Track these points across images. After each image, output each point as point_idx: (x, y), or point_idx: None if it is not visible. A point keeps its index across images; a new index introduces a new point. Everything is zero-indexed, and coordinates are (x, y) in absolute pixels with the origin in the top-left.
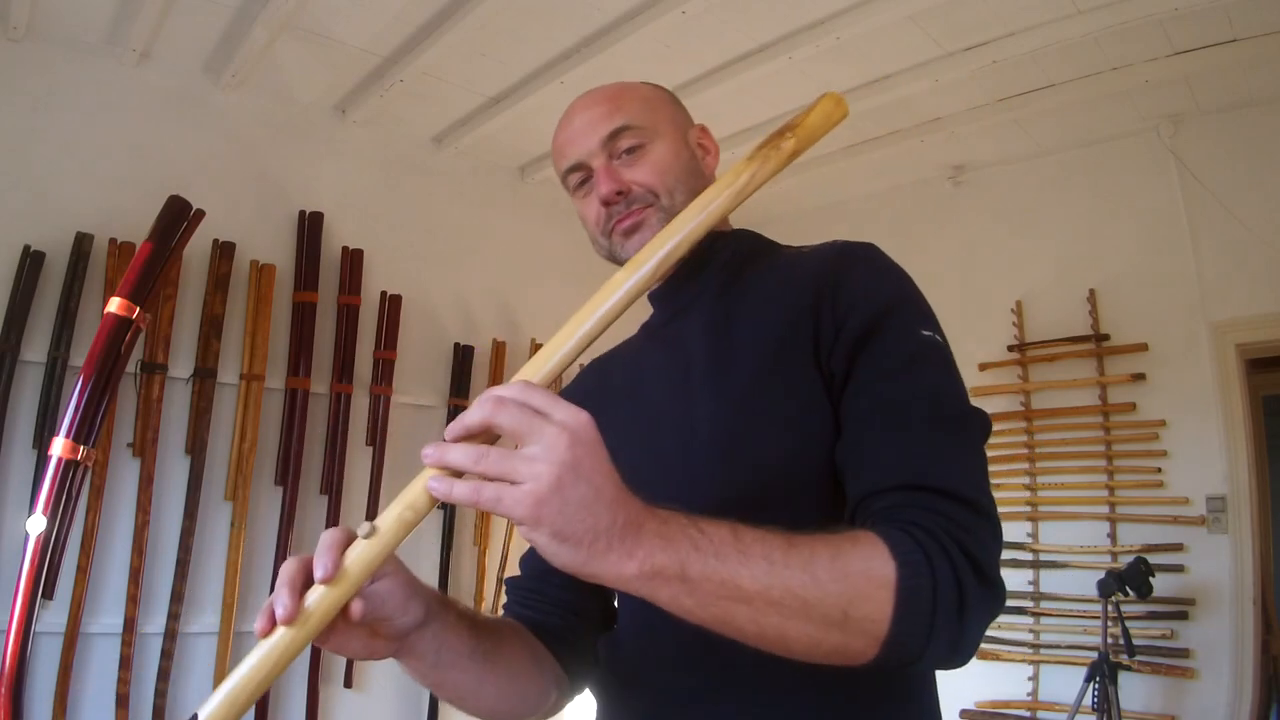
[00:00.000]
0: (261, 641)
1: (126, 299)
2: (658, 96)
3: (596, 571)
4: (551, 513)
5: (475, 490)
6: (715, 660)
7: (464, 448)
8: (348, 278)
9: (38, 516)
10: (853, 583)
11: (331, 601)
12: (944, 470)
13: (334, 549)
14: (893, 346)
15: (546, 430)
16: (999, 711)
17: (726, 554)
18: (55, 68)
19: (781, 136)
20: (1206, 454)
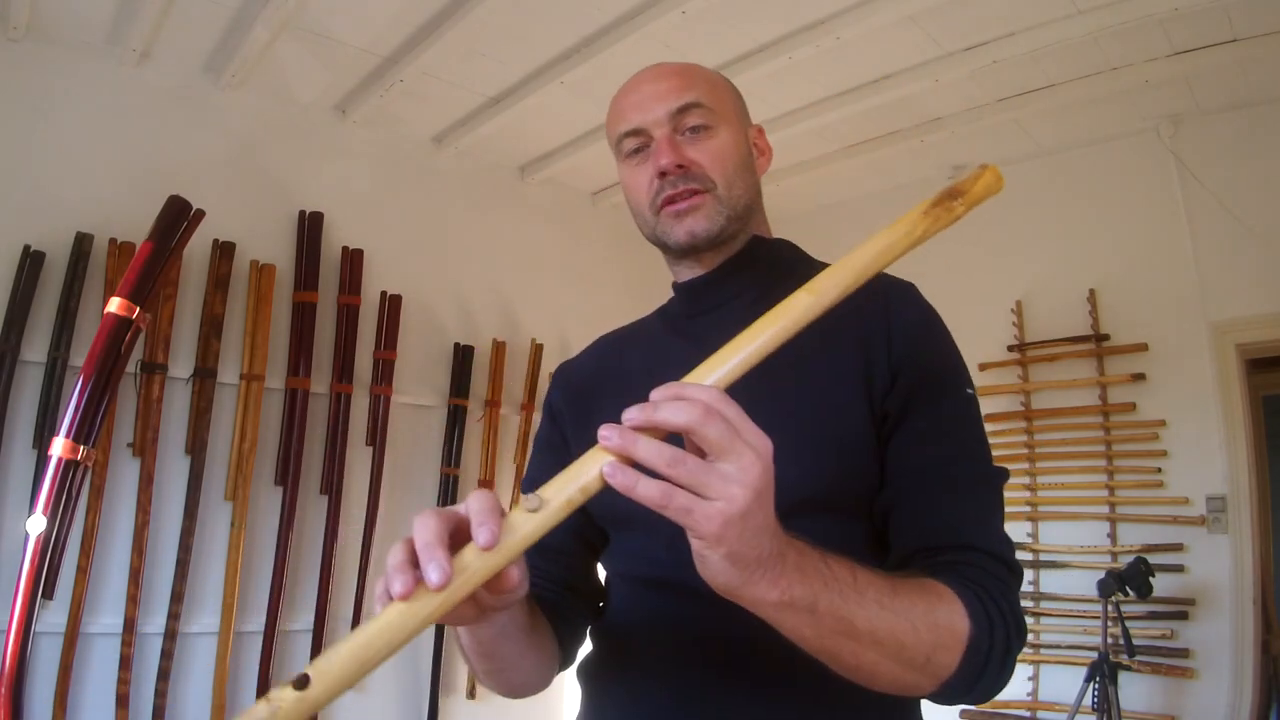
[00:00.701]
0: (395, 604)
1: (126, 299)
2: (727, 85)
3: (745, 594)
4: (734, 535)
5: (666, 495)
6: (716, 657)
7: (658, 445)
8: (348, 278)
9: (38, 516)
10: (939, 634)
11: (488, 569)
12: (990, 534)
13: (496, 513)
14: (946, 404)
15: (745, 453)
16: (999, 711)
17: (847, 593)
18: (55, 68)
19: (953, 199)
20: (1206, 454)
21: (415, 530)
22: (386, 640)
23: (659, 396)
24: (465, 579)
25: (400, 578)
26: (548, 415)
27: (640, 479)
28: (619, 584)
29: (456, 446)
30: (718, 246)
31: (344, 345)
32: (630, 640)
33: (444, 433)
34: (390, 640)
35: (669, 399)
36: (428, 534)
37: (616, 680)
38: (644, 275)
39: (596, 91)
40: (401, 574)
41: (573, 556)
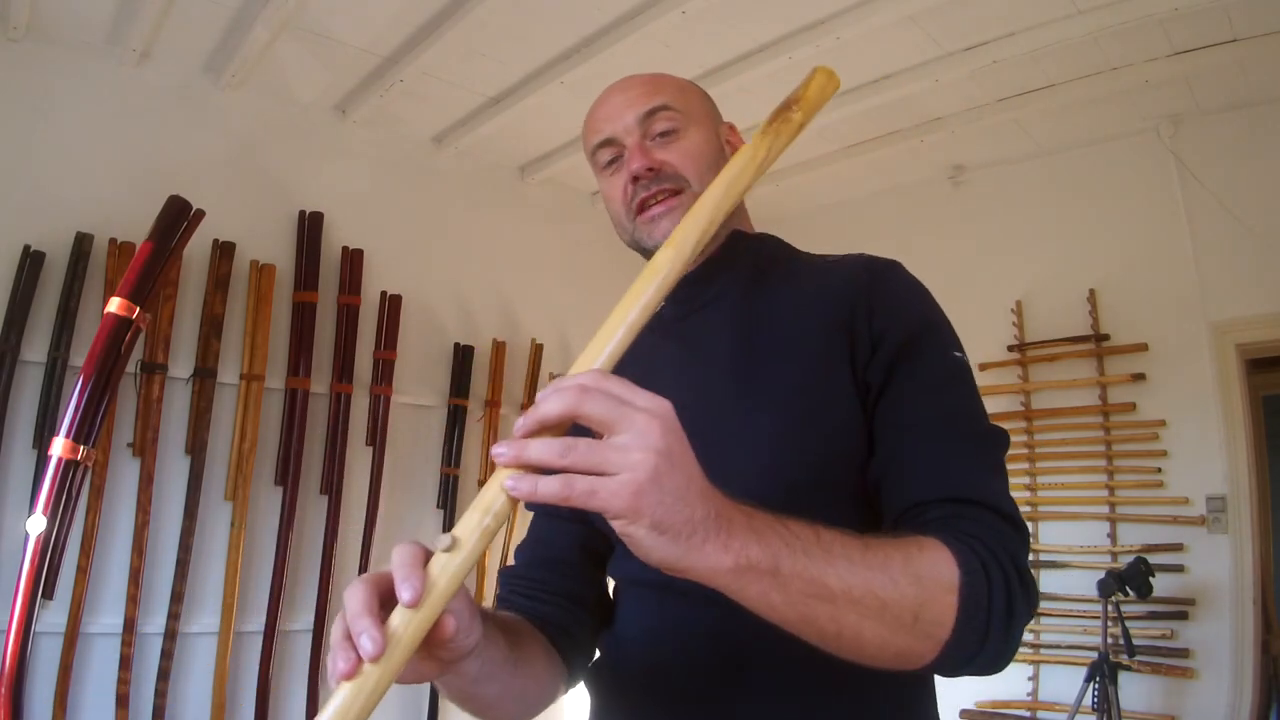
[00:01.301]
0: (343, 685)
1: (126, 299)
2: (693, 88)
3: (692, 565)
4: (651, 503)
5: (566, 485)
6: (722, 660)
7: (545, 441)
8: (348, 278)
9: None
10: (924, 586)
11: (419, 626)
12: (986, 486)
13: (417, 566)
14: (930, 365)
15: (636, 418)
16: (999, 711)
17: (813, 552)
18: (55, 68)
19: (789, 109)
20: (1206, 454)
21: (345, 601)
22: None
23: (539, 397)
24: (400, 642)
25: (341, 655)
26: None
27: (539, 480)
28: (624, 589)
29: (456, 446)
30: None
31: (344, 345)
32: (636, 645)
33: (444, 433)
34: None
35: (547, 394)
36: (355, 604)
37: (624, 685)
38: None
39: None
40: (342, 651)
41: (577, 567)
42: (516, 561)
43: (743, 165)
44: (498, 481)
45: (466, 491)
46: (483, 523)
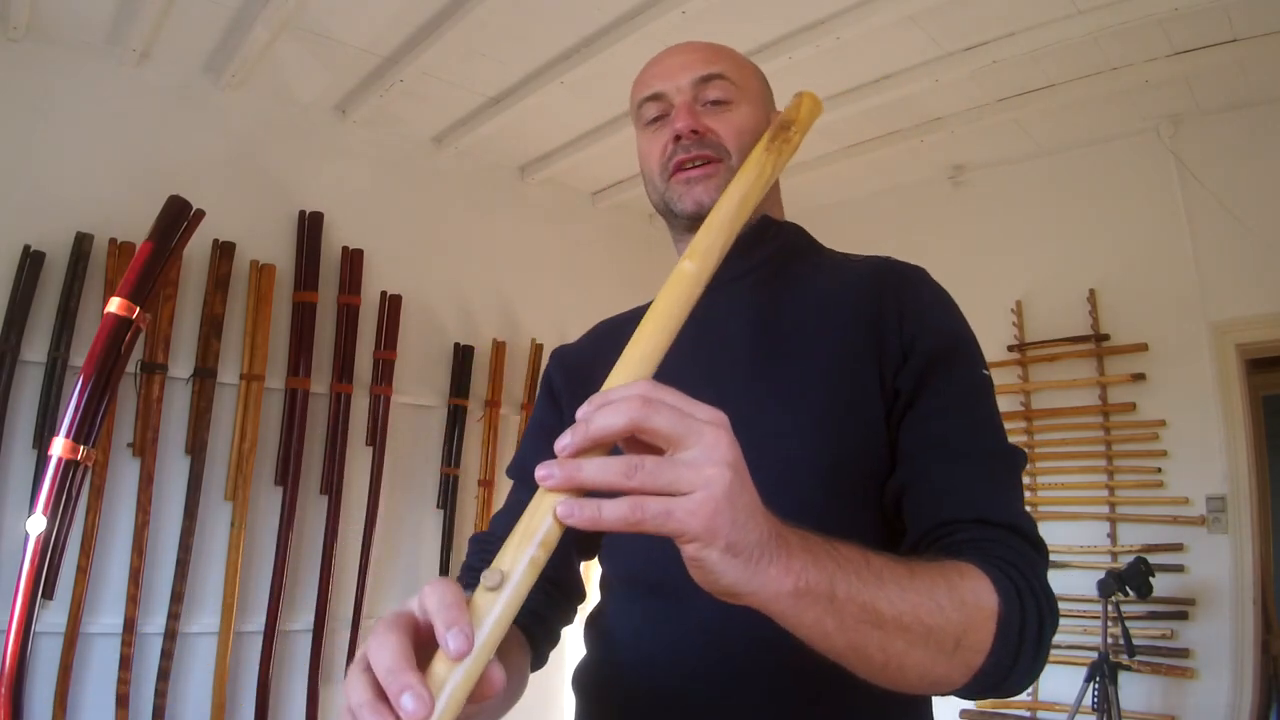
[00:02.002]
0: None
1: (126, 299)
2: (752, 66)
3: (758, 590)
4: (726, 523)
5: (636, 507)
6: (715, 666)
7: (605, 461)
8: (348, 278)
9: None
10: (967, 612)
11: (467, 679)
12: (1011, 509)
13: (462, 608)
14: (959, 381)
15: (704, 431)
16: (999, 711)
17: (865, 576)
18: (55, 68)
19: (786, 130)
20: (1206, 454)
21: (373, 653)
22: None
23: (585, 412)
24: (448, 700)
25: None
26: (546, 395)
27: (602, 505)
28: (616, 586)
29: (456, 446)
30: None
31: (344, 345)
32: (628, 650)
33: (444, 433)
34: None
35: (597, 408)
36: (389, 656)
37: (615, 693)
38: (644, 275)
39: (596, 91)
40: (374, 714)
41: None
42: (493, 529)
43: (751, 180)
44: (546, 506)
45: (466, 491)
46: (530, 555)
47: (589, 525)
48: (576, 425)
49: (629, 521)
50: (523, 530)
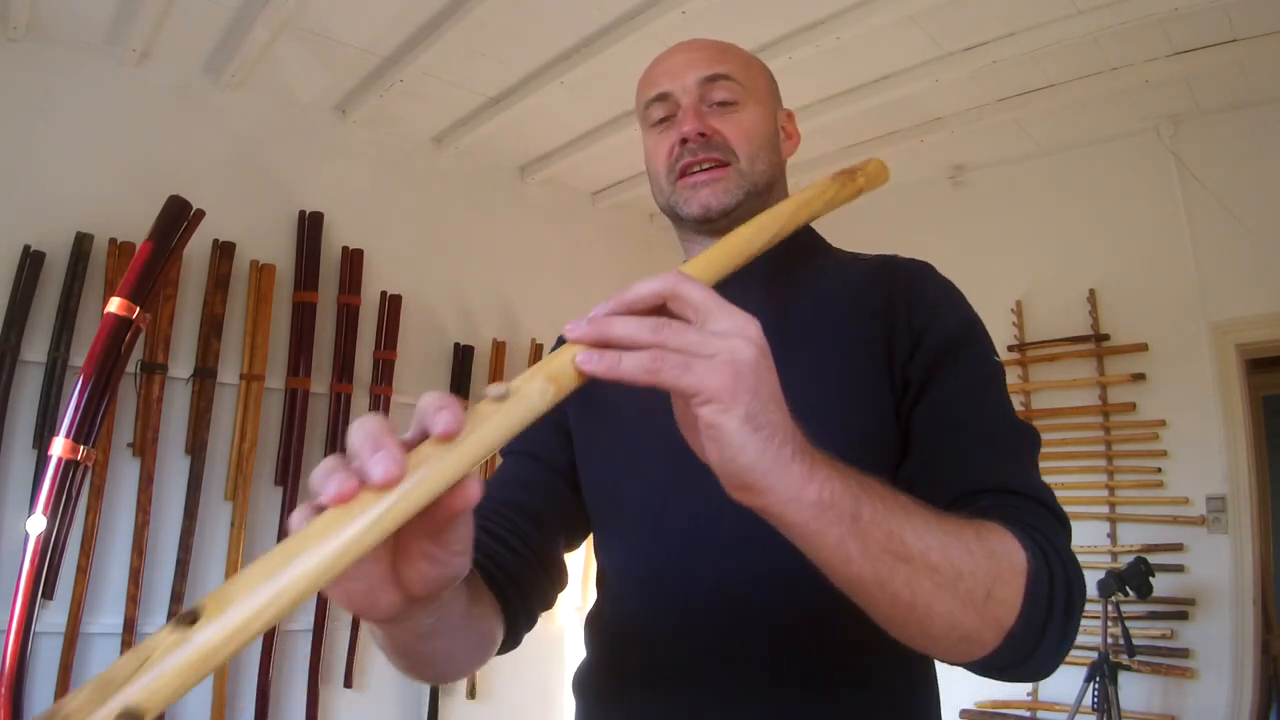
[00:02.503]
0: (325, 514)
1: (126, 299)
2: (759, 65)
3: (777, 484)
4: (746, 390)
5: (656, 358)
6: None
7: (636, 319)
8: (348, 278)
9: (38, 516)
10: (997, 562)
11: (451, 468)
12: (1033, 482)
13: (455, 403)
14: (972, 366)
15: (736, 312)
16: (999, 711)
17: (890, 505)
18: (55, 68)
19: (855, 173)
20: (1206, 454)
21: (353, 429)
22: (312, 563)
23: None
24: (424, 478)
25: (335, 478)
26: None
27: (623, 355)
28: (616, 584)
29: None
30: (730, 224)
31: (344, 345)
32: (631, 650)
33: None
34: (316, 563)
35: (638, 283)
36: (371, 424)
37: (617, 696)
38: (644, 274)
39: (596, 91)
40: (336, 473)
41: (549, 522)
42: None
43: (815, 195)
44: (568, 354)
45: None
46: (544, 388)
47: (606, 373)
48: (610, 297)
49: (647, 370)
50: (540, 367)
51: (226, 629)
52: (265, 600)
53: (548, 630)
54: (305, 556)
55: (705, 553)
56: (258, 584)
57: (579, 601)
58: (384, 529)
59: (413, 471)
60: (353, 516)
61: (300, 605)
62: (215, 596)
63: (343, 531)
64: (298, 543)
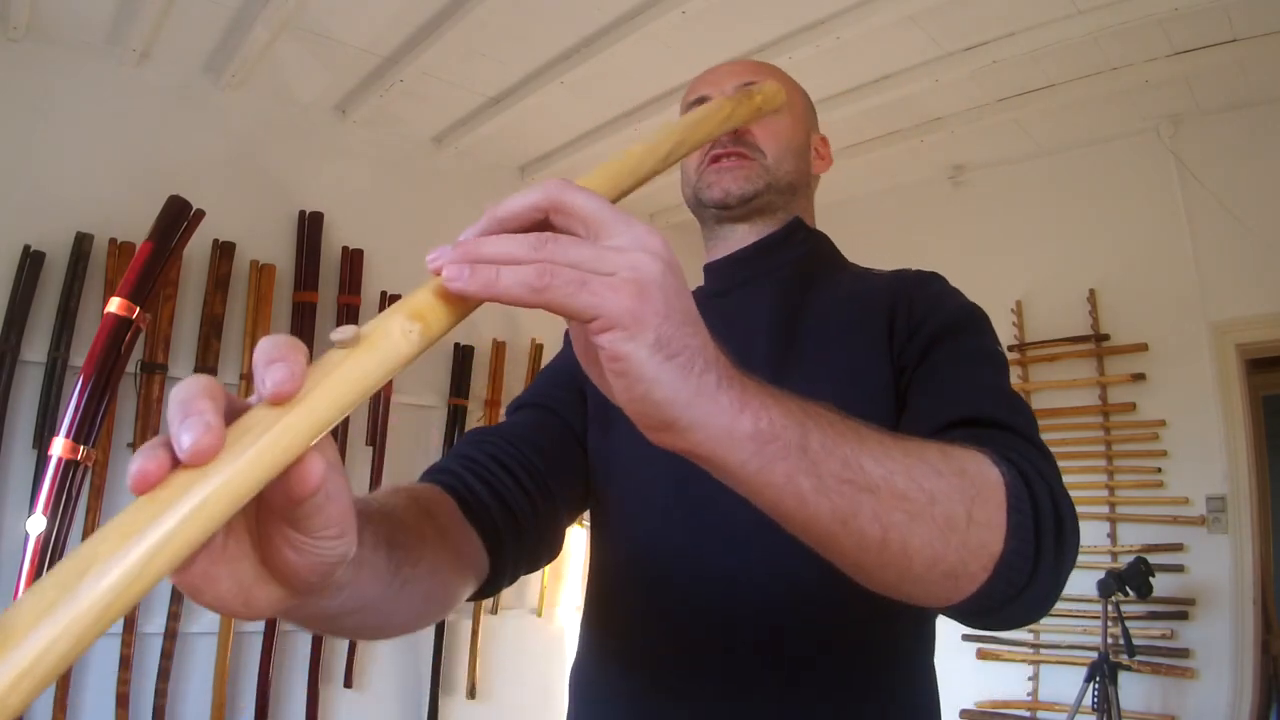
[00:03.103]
0: (132, 504)
1: (126, 299)
2: (800, 91)
3: (701, 416)
4: (656, 312)
5: (544, 273)
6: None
7: (508, 236)
8: (348, 278)
9: (38, 516)
10: (970, 479)
11: (287, 438)
12: (1019, 421)
13: (297, 349)
14: (968, 346)
15: (634, 222)
16: (999, 711)
17: (841, 430)
18: (55, 68)
19: (752, 93)
20: (1206, 454)
21: (171, 393)
22: (111, 578)
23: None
24: (250, 451)
25: (142, 457)
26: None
27: (500, 270)
28: (618, 576)
29: (453, 445)
30: (751, 215)
31: None
32: (632, 644)
33: (444, 433)
34: (117, 578)
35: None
36: (190, 386)
37: (618, 691)
38: None
39: (596, 91)
40: (144, 453)
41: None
42: (491, 428)
43: (711, 112)
44: (433, 283)
45: None
46: (405, 326)
47: (481, 291)
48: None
49: (532, 288)
50: (399, 304)
51: (10, 675)
52: (55, 633)
53: (548, 630)
54: (106, 566)
55: (713, 546)
56: (48, 607)
57: (579, 601)
58: (202, 525)
59: (235, 444)
60: (162, 508)
61: (107, 629)
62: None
63: (149, 530)
64: (95, 545)
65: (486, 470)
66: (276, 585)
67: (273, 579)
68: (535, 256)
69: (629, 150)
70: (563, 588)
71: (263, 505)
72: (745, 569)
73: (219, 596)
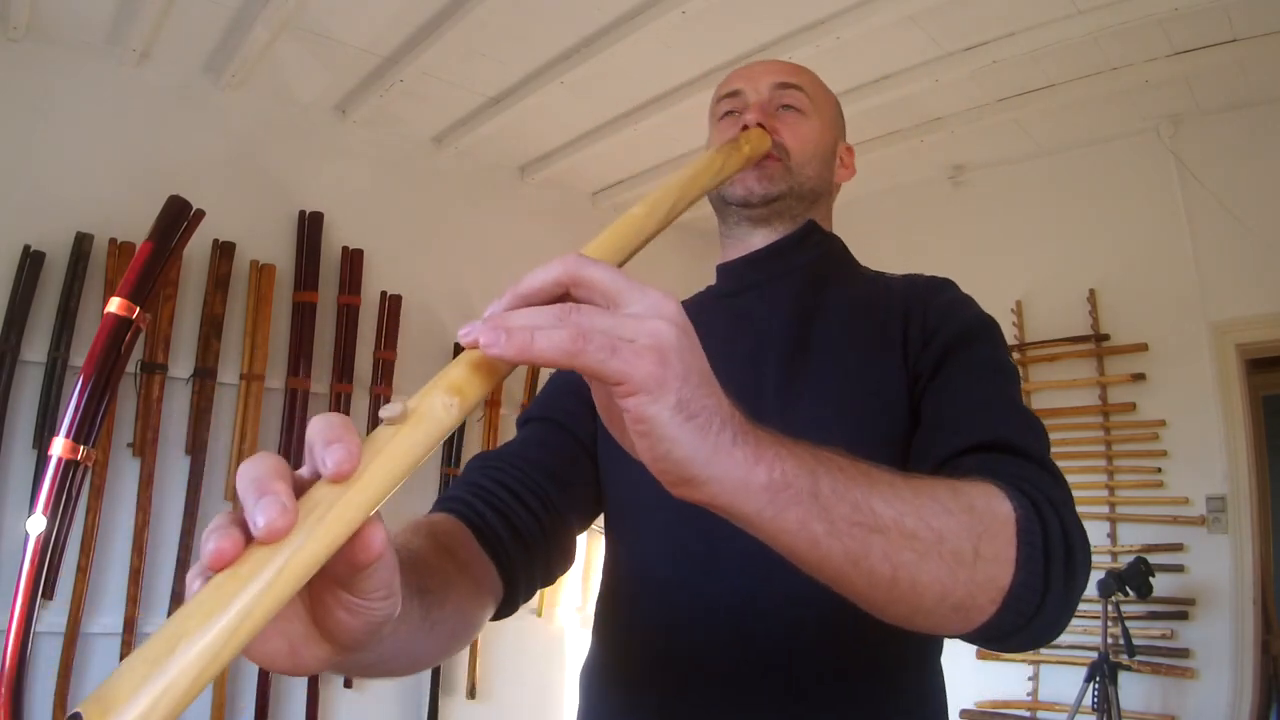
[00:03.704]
0: (212, 581)
1: (126, 299)
2: (832, 95)
3: (719, 472)
4: (675, 376)
5: (578, 337)
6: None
7: (536, 310)
8: (348, 278)
9: (38, 516)
10: (979, 516)
11: (349, 510)
12: (1031, 443)
13: (350, 429)
14: (983, 355)
15: (648, 291)
16: (999, 711)
17: (851, 474)
18: (55, 68)
19: (739, 143)
20: (1206, 454)
21: (240, 472)
22: (203, 645)
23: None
24: (318, 527)
25: (217, 536)
26: None
27: (535, 332)
28: (631, 581)
29: (456, 446)
30: (771, 218)
31: (344, 345)
32: (643, 649)
33: None
34: (208, 645)
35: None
36: (258, 468)
37: (627, 693)
38: (644, 274)
39: (596, 91)
40: (219, 532)
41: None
42: (498, 452)
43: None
44: (467, 358)
45: None
46: (446, 401)
47: (518, 354)
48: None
49: (568, 353)
50: (436, 380)
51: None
52: (153, 698)
53: (548, 630)
54: (194, 639)
55: (724, 560)
56: (143, 679)
57: (579, 601)
58: (278, 595)
59: (304, 520)
60: (242, 583)
61: (196, 697)
62: (96, 699)
63: (232, 603)
64: (181, 622)
65: (495, 497)
66: (323, 644)
67: (321, 638)
68: (565, 324)
69: (631, 213)
70: (563, 588)
71: (320, 574)
72: (756, 583)
73: (267, 654)
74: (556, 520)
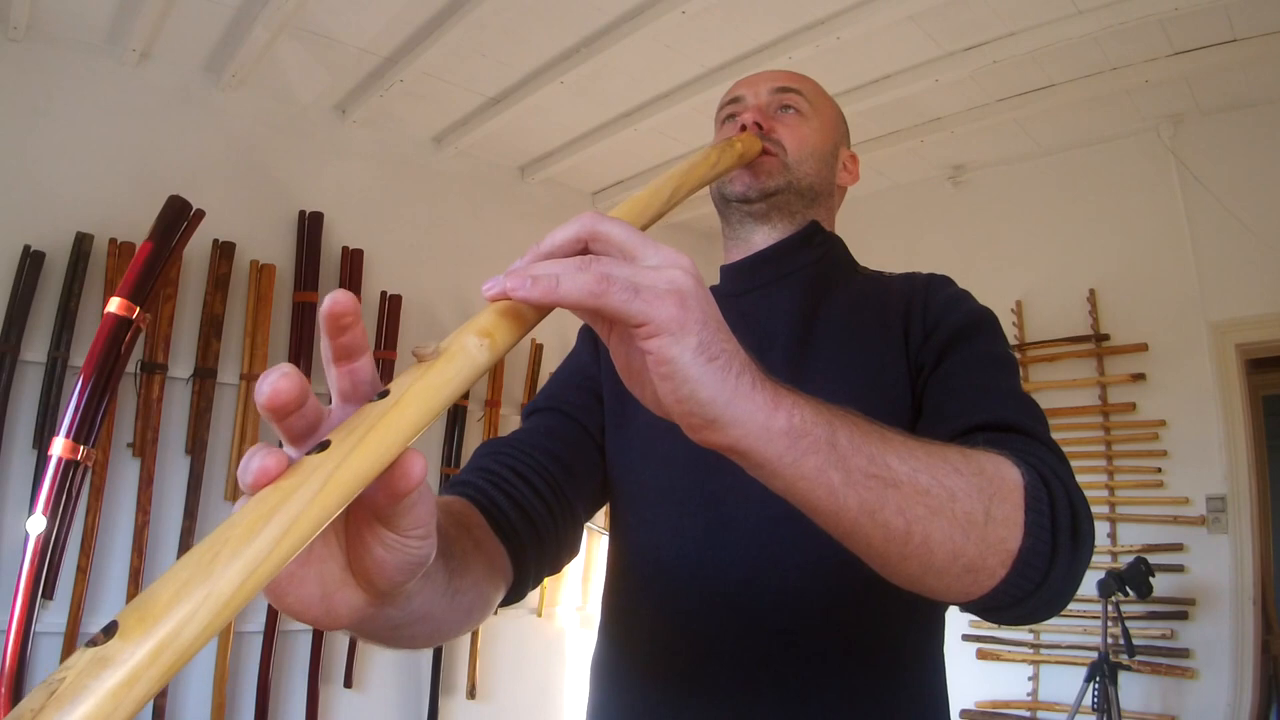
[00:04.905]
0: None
1: (126, 299)
2: (833, 103)
3: (741, 414)
4: (696, 319)
5: (601, 279)
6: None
7: (558, 260)
8: (348, 278)
9: (38, 516)
10: (989, 479)
11: (393, 433)
12: (1034, 425)
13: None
14: (981, 349)
15: (661, 246)
16: (999, 711)
17: (866, 430)
18: (55, 68)
19: (733, 142)
20: (1206, 454)
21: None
22: (251, 553)
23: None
24: (362, 441)
25: (260, 456)
26: (589, 342)
27: (561, 277)
28: (638, 567)
29: (456, 446)
30: (771, 214)
31: None
32: (652, 635)
33: (444, 433)
34: (256, 552)
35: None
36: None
37: (638, 680)
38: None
39: (596, 91)
40: (261, 452)
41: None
42: (506, 439)
43: (700, 160)
44: (493, 307)
45: None
46: (478, 342)
47: (543, 297)
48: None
49: (593, 293)
50: (466, 326)
51: (150, 648)
52: (195, 606)
53: (548, 630)
54: (238, 549)
55: (731, 539)
56: (183, 585)
57: (579, 601)
58: (324, 507)
59: (345, 439)
60: (286, 496)
61: (243, 608)
62: (135, 607)
63: (276, 514)
64: (225, 531)
65: (506, 482)
66: (358, 590)
67: (355, 583)
68: (588, 270)
69: (636, 196)
70: (563, 588)
71: (356, 505)
72: (761, 567)
73: (302, 599)
74: (565, 508)
